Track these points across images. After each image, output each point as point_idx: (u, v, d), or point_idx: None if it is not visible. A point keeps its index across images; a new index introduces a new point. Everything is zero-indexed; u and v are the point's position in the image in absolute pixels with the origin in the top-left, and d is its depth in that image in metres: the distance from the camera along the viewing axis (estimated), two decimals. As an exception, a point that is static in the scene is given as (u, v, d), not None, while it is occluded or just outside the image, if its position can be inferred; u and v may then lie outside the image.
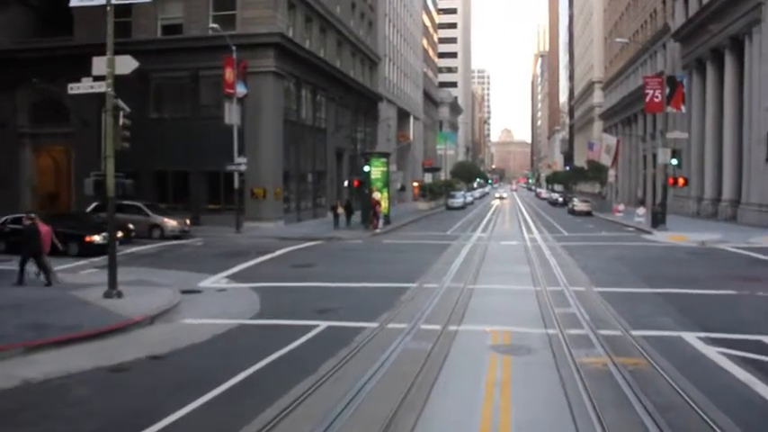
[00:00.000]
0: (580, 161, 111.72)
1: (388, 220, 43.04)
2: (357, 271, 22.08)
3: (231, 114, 36.06)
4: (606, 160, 67.45)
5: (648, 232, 38.14)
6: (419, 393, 9.05)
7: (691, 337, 12.35)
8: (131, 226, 32.13)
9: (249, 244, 31.62)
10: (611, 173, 66.38)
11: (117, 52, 17.78)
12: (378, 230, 38.81)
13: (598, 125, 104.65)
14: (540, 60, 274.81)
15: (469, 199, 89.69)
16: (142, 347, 11.78)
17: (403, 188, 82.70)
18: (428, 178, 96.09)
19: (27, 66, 40.65)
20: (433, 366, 10.34)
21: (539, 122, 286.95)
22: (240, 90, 36.71)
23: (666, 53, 61.98)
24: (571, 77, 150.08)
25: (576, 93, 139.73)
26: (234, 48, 35.99)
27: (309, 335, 12.72)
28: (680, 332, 12.82)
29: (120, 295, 16.50)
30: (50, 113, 43.26)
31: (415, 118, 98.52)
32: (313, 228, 40.44)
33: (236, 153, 36.05)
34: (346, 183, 52.05)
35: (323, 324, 13.54)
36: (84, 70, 18.19)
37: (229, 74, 36.01)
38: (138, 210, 34.34)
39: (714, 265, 23.91)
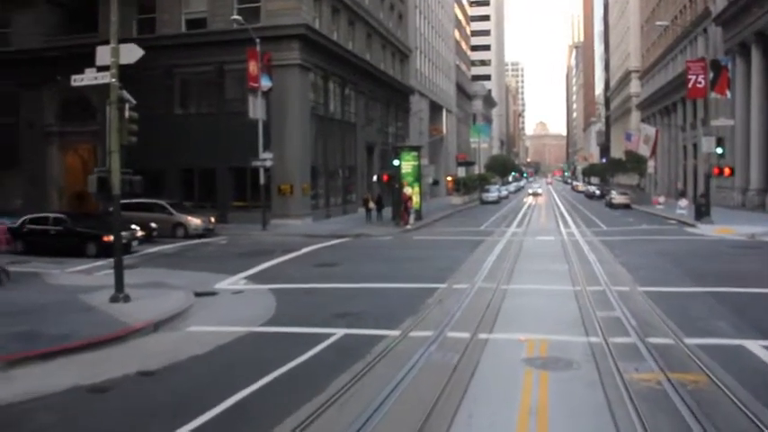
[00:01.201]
0: (617, 153, 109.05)
1: (419, 216, 41.69)
2: (383, 270, 20.79)
3: (256, 108, 35.09)
4: (645, 151, 65.29)
5: (692, 225, 36.27)
6: (439, 423, 7.68)
7: (754, 346, 10.80)
8: (154, 225, 31.40)
9: (274, 242, 30.58)
10: (651, 164, 64.20)
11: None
12: (409, 226, 37.51)
13: (635, 115, 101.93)
14: (574, 51, 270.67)
15: (504, 193, 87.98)
16: (135, 360, 10.61)
17: (436, 182, 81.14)
18: (461, 172, 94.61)
19: (53, 64, 40.04)
20: (458, 386, 8.96)
21: (574, 115, 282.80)
22: (265, 83, 35.74)
23: (707, 38, 59.55)
24: (607, 68, 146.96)
25: (612, 83, 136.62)
26: (258, 40, 34.98)
27: (323, 345, 11.45)
28: (741, 340, 11.26)
29: (127, 299, 15.49)
30: (77, 111, 42.82)
31: (448, 111, 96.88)
32: (342, 224, 39.30)
33: (261, 148, 35.04)
34: (375, 177, 50.74)
35: (339, 332, 12.28)
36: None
37: (253, 67, 35.03)
38: (161, 208, 33.59)
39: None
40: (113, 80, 15.84)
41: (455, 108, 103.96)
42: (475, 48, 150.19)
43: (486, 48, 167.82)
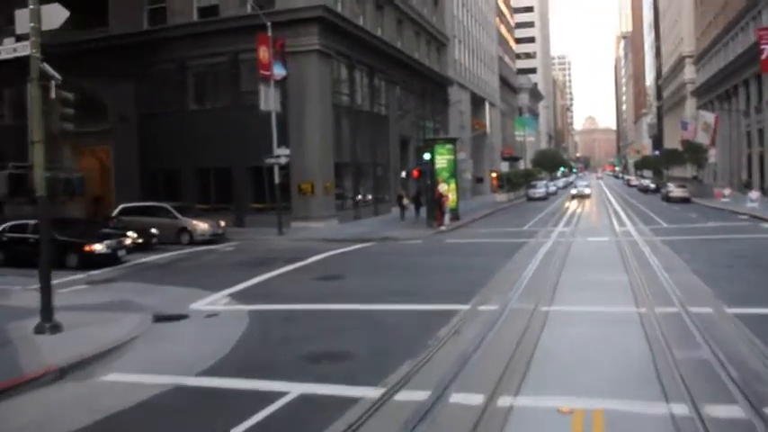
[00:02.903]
0: (671, 144, 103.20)
1: (456, 215, 37.63)
2: (396, 285, 16.90)
3: (268, 99, 31.54)
4: (704, 139, 60.28)
5: (768, 221, 31.64)
6: None
7: None
8: (154, 230, 28.15)
9: (285, 248, 27.04)
10: (712, 152, 58.98)
11: (154, 40, 13.38)
12: (443, 227, 33.54)
13: (690, 103, 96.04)
14: (622, 42, 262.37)
15: (552, 189, 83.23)
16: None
17: (480, 179, 77.06)
18: (507, 168, 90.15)
19: (62, 61, 37.14)
20: None
21: (624, 107, 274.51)
22: (278, 72, 32.15)
23: (773, 14, 54.24)
24: (658, 55, 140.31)
25: (664, 71, 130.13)
26: (269, 24, 31.49)
27: (260, 415, 7.55)
28: None
29: (55, 330, 12.12)
30: (88, 110, 39.84)
31: (492, 104, 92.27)
32: (370, 226, 35.51)
33: (275, 143, 31.50)
34: (404, 173, 46.65)
35: (296, 390, 8.38)
36: (119, 62, 13.77)
37: (264, 53, 31.47)
38: (165, 212, 30.42)
39: None
40: (34, 51, 12.41)
41: (499, 101, 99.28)
42: (519, 40, 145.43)
43: (531, 40, 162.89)
